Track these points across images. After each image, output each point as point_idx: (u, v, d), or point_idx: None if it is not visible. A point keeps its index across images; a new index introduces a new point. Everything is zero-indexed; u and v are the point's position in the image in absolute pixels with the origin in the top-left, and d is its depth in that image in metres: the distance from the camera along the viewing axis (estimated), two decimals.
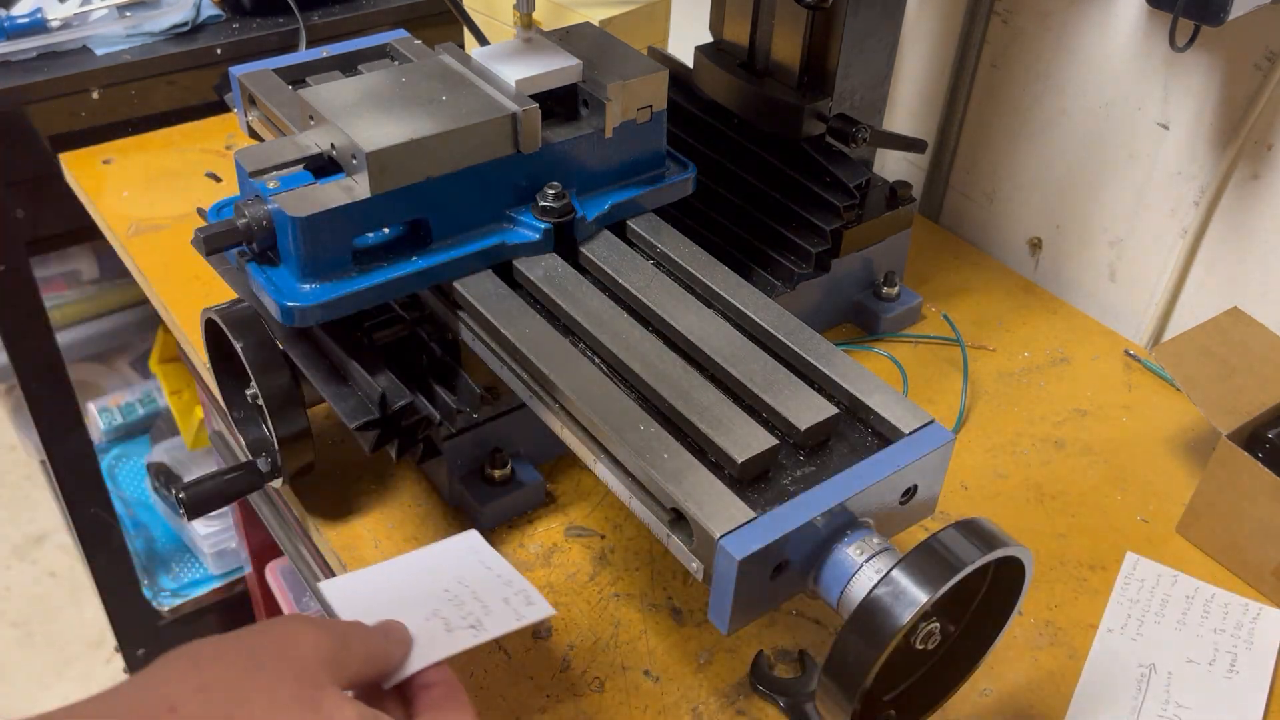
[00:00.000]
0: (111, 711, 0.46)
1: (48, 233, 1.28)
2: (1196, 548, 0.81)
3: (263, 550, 1.39)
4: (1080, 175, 1.03)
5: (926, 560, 0.54)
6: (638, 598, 0.75)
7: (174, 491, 0.80)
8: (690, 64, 1.00)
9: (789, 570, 0.57)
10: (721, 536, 0.55)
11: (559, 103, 0.77)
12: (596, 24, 0.97)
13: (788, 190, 0.92)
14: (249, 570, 1.46)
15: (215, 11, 1.33)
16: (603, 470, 0.63)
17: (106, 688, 0.51)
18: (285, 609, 1.35)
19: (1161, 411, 0.93)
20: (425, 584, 0.65)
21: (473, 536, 0.70)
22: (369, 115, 0.70)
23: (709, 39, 0.98)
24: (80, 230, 1.25)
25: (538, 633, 0.73)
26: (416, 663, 0.58)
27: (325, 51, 0.88)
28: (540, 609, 0.63)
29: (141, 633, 1.64)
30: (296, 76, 0.86)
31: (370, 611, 0.61)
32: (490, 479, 0.79)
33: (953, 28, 1.08)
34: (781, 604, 0.66)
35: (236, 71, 0.85)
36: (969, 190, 1.14)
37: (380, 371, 0.72)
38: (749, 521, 0.56)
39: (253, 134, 0.87)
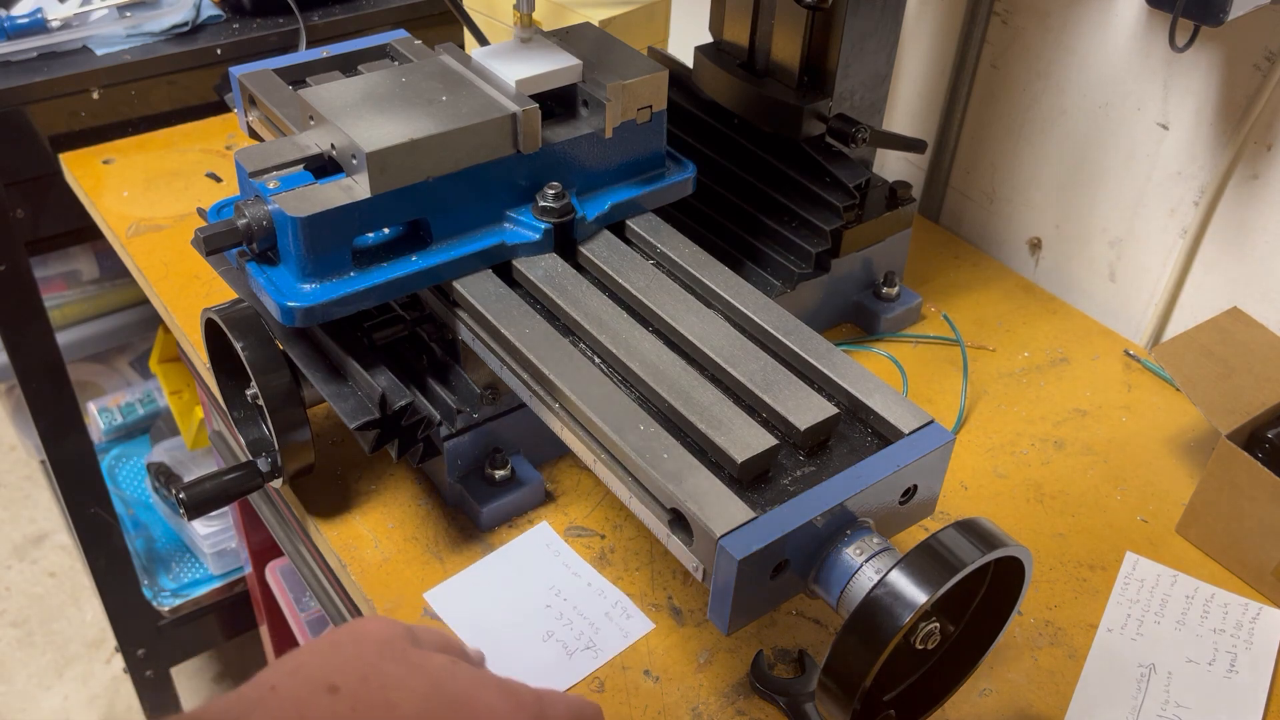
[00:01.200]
0: (215, 705, 0.49)
1: (48, 233, 1.28)
2: (1196, 548, 0.81)
3: (263, 550, 1.39)
4: (1080, 175, 1.03)
5: (926, 560, 0.54)
6: (638, 598, 0.75)
7: (174, 491, 0.80)
8: (690, 64, 1.00)
9: (789, 570, 0.57)
10: (721, 536, 0.55)
11: (559, 103, 0.77)
12: (596, 24, 0.97)
13: (788, 190, 0.92)
14: (249, 570, 1.46)
15: (215, 11, 1.33)
16: (603, 470, 0.63)
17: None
18: (285, 609, 1.35)
19: (1161, 411, 0.93)
20: (525, 600, 0.74)
21: (544, 530, 0.79)
22: (369, 115, 0.70)
23: (709, 39, 0.98)
24: (80, 230, 1.25)
25: None
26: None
27: (325, 51, 0.88)
28: (640, 622, 0.73)
29: (141, 633, 1.64)
30: (296, 76, 0.86)
31: (487, 627, 0.71)
32: (490, 479, 0.79)
33: (953, 28, 1.08)
34: (781, 604, 0.66)
35: (236, 71, 0.85)
36: (969, 190, 1.14)
37: (380, 371, 0.72)
38: (749, 521, 0.56)
39: (253, 134, 0.87)
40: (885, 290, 0.99)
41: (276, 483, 0.79)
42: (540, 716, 0.53)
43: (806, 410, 0.62)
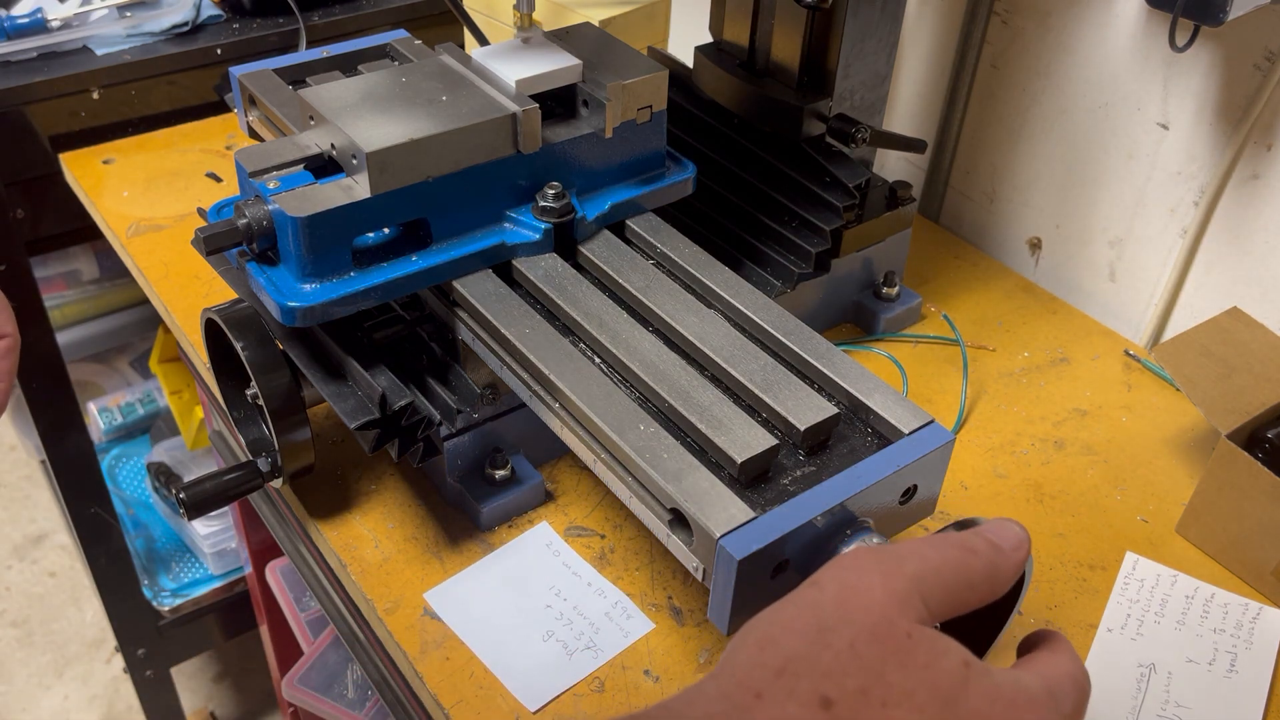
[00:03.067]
0: (699, 706, 0.43)
1: (48, 233, 1.28)
2: (1196, 548, 0.81)
3: (263, 550, 1.39)
4: (1080, 175, 1.03)
5: None
6: (638, 598, 0.75)
7: (174, 491, 0.81)
8: (690, 64, 1.00)
9: (789, 570, 0.57)
10: (721, 536, 0.55)
11: (559, 103, 0.77)
12: (596, 24, 0.97)
13: (788, 190, 0.92)
14: (249, 570, 1.46)
15: (215, 11, 1.33)
16: (603, 470, 0.63)
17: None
18: (285, 609, 1.35)
19: (1161, 411, 0.93)
20: (525, 600, 0.74)
21: (544, 530, 0.79)
22: (369, 115, 0.70)
23: (709, 39, 0.98)
24: (80, 230, 1.25)
25: None
26: (548, 693, 0.68)
27: (325, 51, 0.88)
28: (640, 622, 0.73)
29: (141, 633, 1.64)
30: (296, 76, 0.86)
31: (487, 627, 0.72)
32: (490, 479, 0.79)
33: (953, 28, 1.08)
34: None
35: (236, 71, 0.85)
36: (969, 190, 1.14)
37: (380, 371, 0.72)
38: (749, 521, 0.56)
39: (253, 134, 0.87)
40: (885, 290, 0.99)
41: (276, 483, 0.79)
42: None
43: (806, 410, 0.62)
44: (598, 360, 0.68)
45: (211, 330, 0.77)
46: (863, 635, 0.43)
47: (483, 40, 0.98)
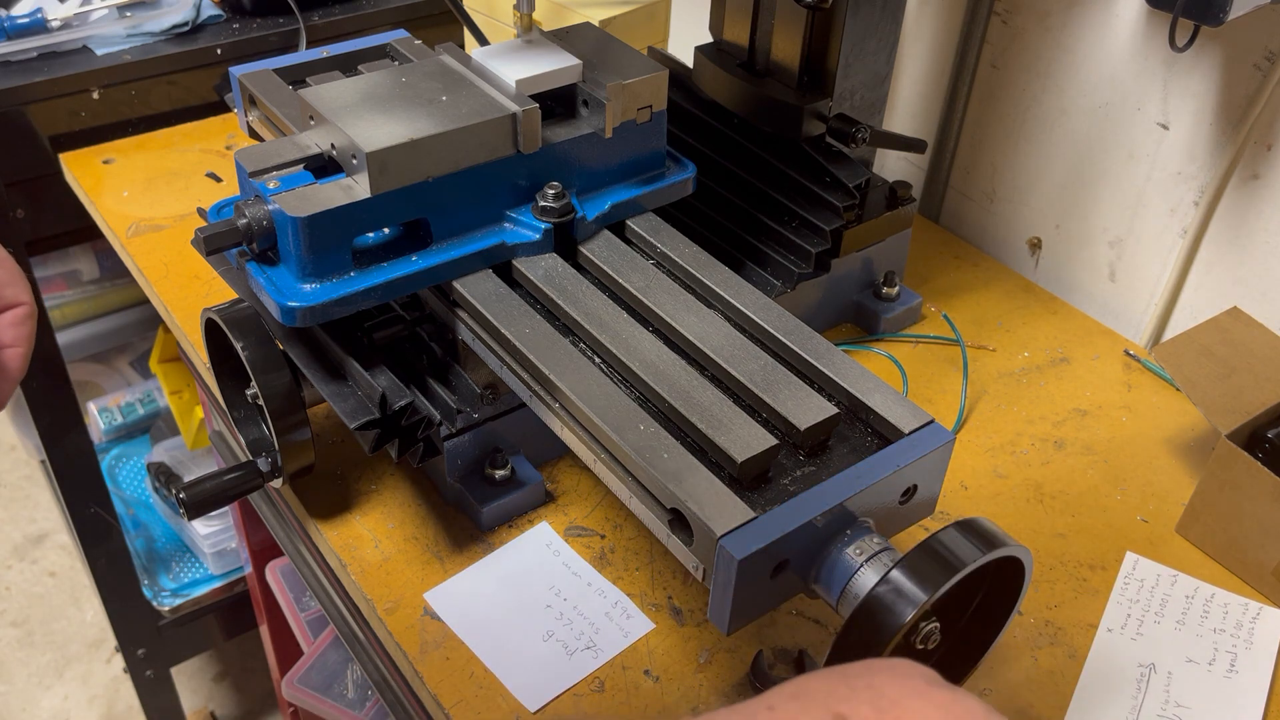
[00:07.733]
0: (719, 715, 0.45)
1: (48, 233, 1.28)
2: (1196, 547, 0.81)
3: (263, 550, 1.39)
4: (1080, 175, 1.03)
5: (926, 560, 0.54)
6: (638, 598, 0.75)
7: (174, 491, 0.81)
8: (690, 64, 1.00)
9: (789, 570, 0.57)
10: (721, 536, 0.55)
11: (559, 103, 0.77)
12: (596, 24, 0.97)
13: (788, 190, 0.92)
14: (249, 570, 1.46)
15: (215, 11, 1.33)
16: (603, 470, 0.63)
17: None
18: (285, 609, 1.35)
19: (1161, 411, 0.93)
20: (525, 600, 0.74)
21: (544, 530, 0.79)
22: (369, 115, 0.70)
23: (709, 39, 0.98)
24: (80, 230, 1.25)
25: None
26: (548, 693, 0.68)
27: (325, 51, 0.88)
28: (640, 622, 0.73)
29: (141, 633, 1.64)
30: (296, 76, 0.86)
31: (487, 627, 0.72)
32: (490, 479, 0.79)
33: (953, 28, 1.08)
34: (781, 604, 0.66)
35: (236, 71, 0.85)
36: (969, 190, 1.14)
37: (380, 371, 0.72)
38: (749, 521, 0.56)
39: (253, 134, 0.87)
40: (885, 290, 0.99)
41: (276, 483, 0.79)
42: None
43: (806, 410, 0.62)
44: (598, 360, 0.68)
45: (211, 330, 0.77)
46: (883, 671, 0.44)
47: (483, 40, 0.98)
